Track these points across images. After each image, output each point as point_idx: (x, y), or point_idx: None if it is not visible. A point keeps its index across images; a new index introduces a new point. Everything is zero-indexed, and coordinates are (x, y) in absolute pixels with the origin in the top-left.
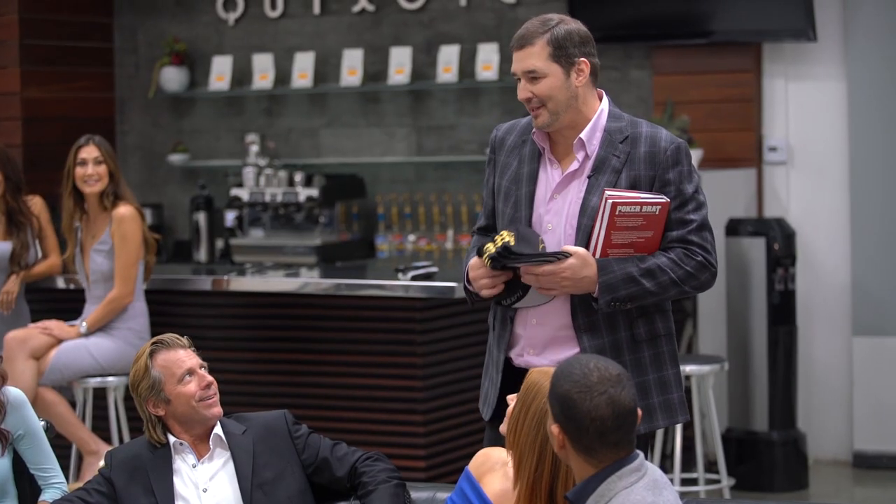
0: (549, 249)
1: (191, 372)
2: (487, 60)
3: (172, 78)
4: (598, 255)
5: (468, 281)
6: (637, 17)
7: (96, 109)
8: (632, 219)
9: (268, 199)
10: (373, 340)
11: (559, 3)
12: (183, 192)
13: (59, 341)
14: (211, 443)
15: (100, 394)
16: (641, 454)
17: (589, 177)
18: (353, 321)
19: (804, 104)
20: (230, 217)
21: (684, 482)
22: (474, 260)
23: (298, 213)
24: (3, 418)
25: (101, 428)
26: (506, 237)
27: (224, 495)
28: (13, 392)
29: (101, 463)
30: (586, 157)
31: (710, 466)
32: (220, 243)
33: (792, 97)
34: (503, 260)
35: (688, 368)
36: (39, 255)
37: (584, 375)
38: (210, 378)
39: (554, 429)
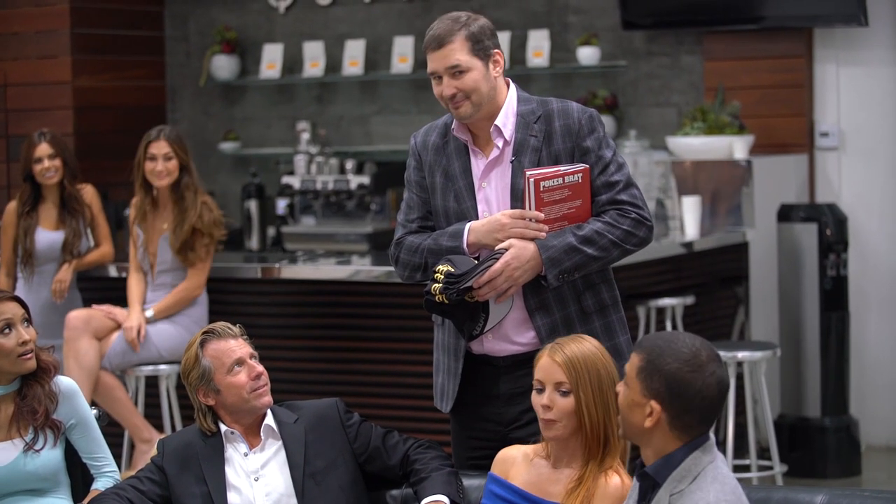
0: None
1: (240, 362)
2: (538, 47)
3: (223, 66)
4: None
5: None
6: (688, 2)
7: (147, 98)
8: (557, 192)
9: (319, 186)
10: (424, 328)
11: None
12: (234, 180)
13: (120, 326)
14: (262, 432)
15: (152, 382)
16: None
17: (511, 161)
18: (404, 308)
19: (855, 89)
20: (281, 205)
21: (737, 469)
22: None
23: (349, 201)
24: (55, 408)
25: (153, 416)
26: (443, 269)
27: (276, 484)
28: (65, 382)
29: (154, 451)
30: (505, 142)
31: (763, 453)
32: (271, 231)
33: (843, 82)
34: (454, 287)
35: (740, 355)
36: (91, 243)
37: (694, 355)
38: (260, 368)
39: (653, 405)
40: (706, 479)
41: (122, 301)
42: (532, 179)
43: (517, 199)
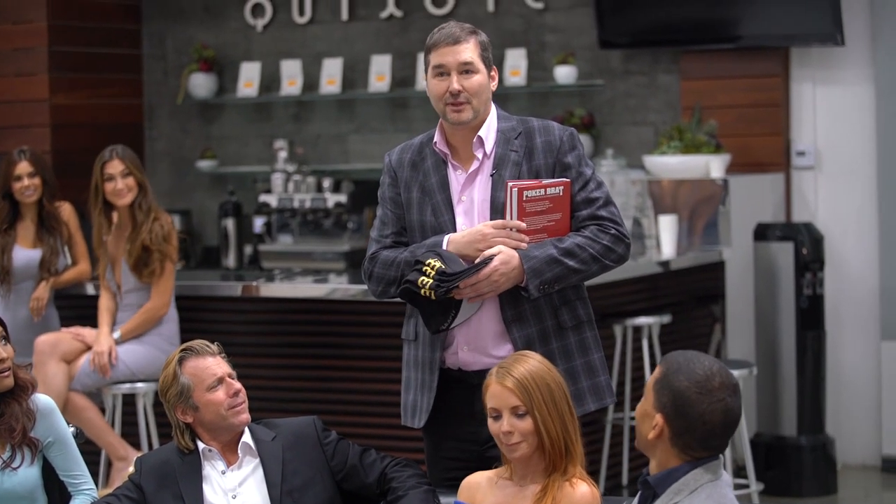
0: None
1: (219, 380)
2: (515, 66)
3: (201, 84)
4: None
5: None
6: (665, 22)
7: (125, 116)
8: (539, 202)
9: (296, 204)
10: (402, 346)
11: (586, 7)
12: (211, 198)
13: (89, 347)
14: (240, 450)
15: (129, 400)
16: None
17: (492, 174)
18: (381, 326)
19: (832, 108)
20: (259, 223)
21: None
22: None
23: (327, 219)
24: (33, 426)
25: (130, 434)
26: (434, 264)
27: (253, 502)
28: (43, 400)
29: (131, 469)
30: (485, 155)
31: (739, 471)
32: (248, 249)
33: (820, 101)
34: (445, 285)
35: None
36: (69, 261)
37: (707, 378)
38: (238, 386)
39: (659, 418)
40: (701, 495)
41: (97, 318)
42: (515, 189)
43: (497, 212)
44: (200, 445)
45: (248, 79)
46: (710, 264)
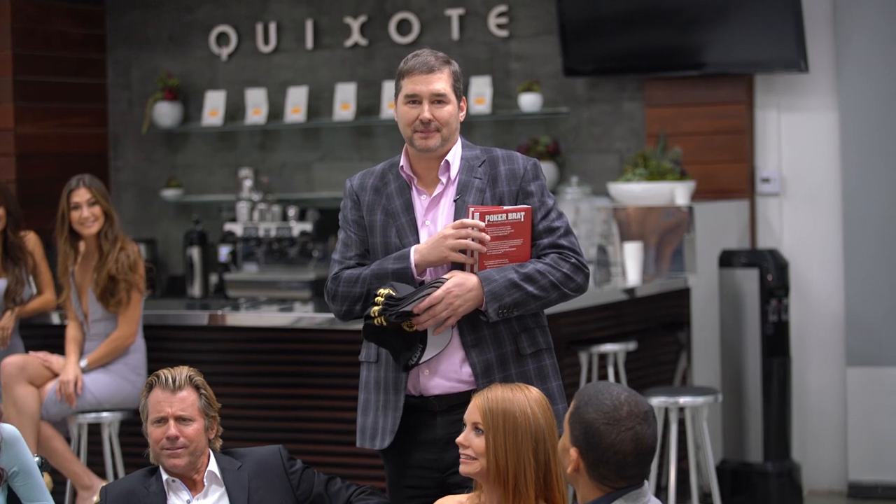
0: (428, 274)
1: (162, 419)
2: (480, 94)
3: (165, 113)
4: (476, 271)
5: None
6: (629, 49)
7: (90, 145)
8: (500, 227)
9: (261, 233)
10: None
11: (551, 35)
12: (176, 227)
13: (56, 374)
14: (206, 479)
15: (95, 429)
16: (647, 482)
17: (455, 200)
18: (348, 355)
19: (796, 135)
20: (224, 252)
21: None
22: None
23: (292, 248)
24: None
25: (95, 463)
26: (383, 292)
27: None
28: (8, 429)
29: (95, 498)
30: (449, 179)
31: (705, 498)
32: (213, 278)
33: (784, 128)
34: (393, 310)
35: (682, 400)
36: (34, 291)
37: (615, 408)
38: (175, 432)
39: (573, 452)
40: None
41: (63, 348)
42: (476, 213)
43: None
44: (164, 476)
45: (213, 107)
46: (675, 291)
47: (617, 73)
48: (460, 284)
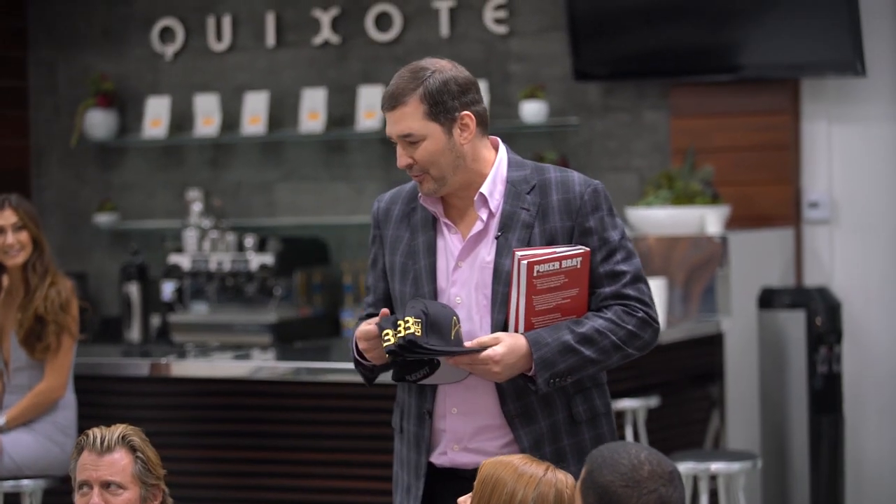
0: (463, 325)
1: (86, 485)
2: None
3: (99, 123)
4: (521, 328)
5: (359, 354)
6: (652, 49)
7: (7, 160)
8: (552, 278)
9: (213, 267)
10: (341, 435)
11: (559, 32)
12: (111, 259)
13: None
14: None
15: (13, 500)
16: None
17: (497, 237)
18: (316, 412)
19: (851, 151)
20: (168, 289)
21: None
22: (366, 328)
23: (250, 285)
24: None
25: None
26: (411, 326)
27: None
28: None
29: None
30: (490, 214)
31: None
32: (155, 320)
33: (836, 143)
34: (405, 354)
35: (713, 466)
36: None
37: (634, 469)
38: (98, 502)
39: None
40: None
41: None
42: (524, 263)
43: (500, 282)
44: None
45: (156, 116)
46: (706, 337)
47: (637, 77)
48: (509, 354)
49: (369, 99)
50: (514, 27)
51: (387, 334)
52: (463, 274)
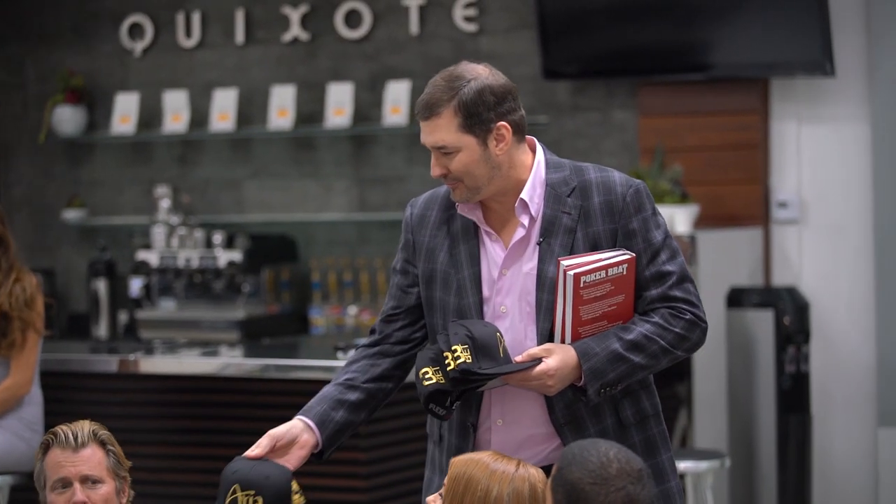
0: (505, 333)
1: (64, 483)
2: None
3: (67, 119)
4: (568, 339)
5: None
6: (621, 47)
7: None
8: (598, 287)
9: (181, 264)
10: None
11: (529, 30)
12: (79, 255)
13: None
14: None
15: None
16: None
17: (539, 242)
18: (284, 409)
19: (820, 151)
20: (136, 285)
21: None
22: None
23: (218, 281)
24: None
25: None
26: (460, 354)
27: None
28: None
29: None
30: (531, 219)
31: None
32: (123, 317)
33: (805, 143)
34: (467, 385)
35: (681, 465)
36: None
37: (602, 466)
38: (81, 497)
39: None
40: None
41: None
42: (571, 275)
43: (544, 290)
44: None
45: (124, 113)
46: None
47: (606, 75)
48: (562, 367)
49: (338, 96)
50: (484, 25)
51: (426, 373)
52: (507, 282)
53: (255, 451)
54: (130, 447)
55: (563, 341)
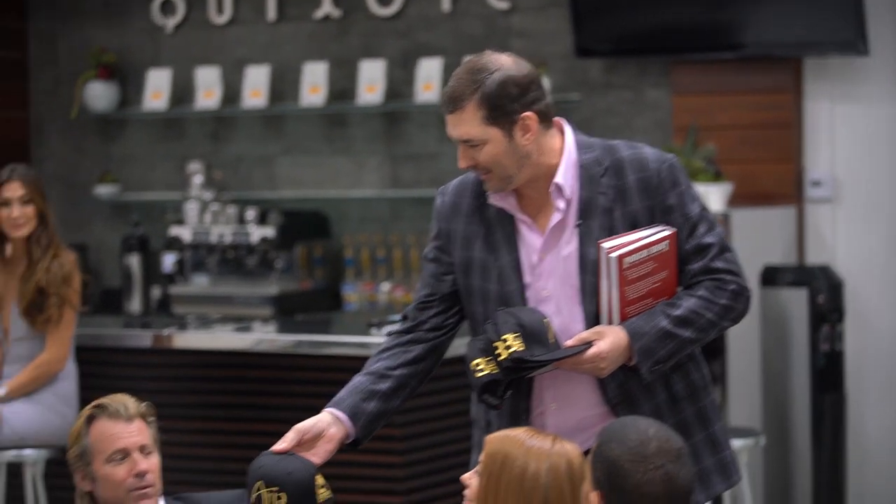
0: (551, 318)
1: (124, 453)
2: None
3: (100, 95)
4: (616, 320)
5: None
6: (654, 26)
7: (7, 132)
8: (641, 266)
9: (214, 239)
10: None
11: (561, 8)
12: (112, 231)
13: None
14: None
15: (15, 470)
16: None
17: (578, 225)
18: (317, 385)
19: (853, 130)
20: (169, 261)
21: None
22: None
23: (251, 257)
24: None
25: None
26: (511, 343)
27: None
28: None
29: None
30: (567, 202)
31: None
32: (156, 292)
33: (839, 122)
34: (520, 373)
35: None
36: None
37: (641, 443)
38: (146, 465)
39: (594, 497)
40: None
41: None
42: (613, 257)
43: (588, 272)
44: None
45: (157, 89)
46: None
47: (639, 53)
48: (614, 349)
49: (370, 73)
50: (516, 3)
51: (478, 364)
52: (547, 266)
53: (280, 445)
54: (163, 422)
55: (610, 322)
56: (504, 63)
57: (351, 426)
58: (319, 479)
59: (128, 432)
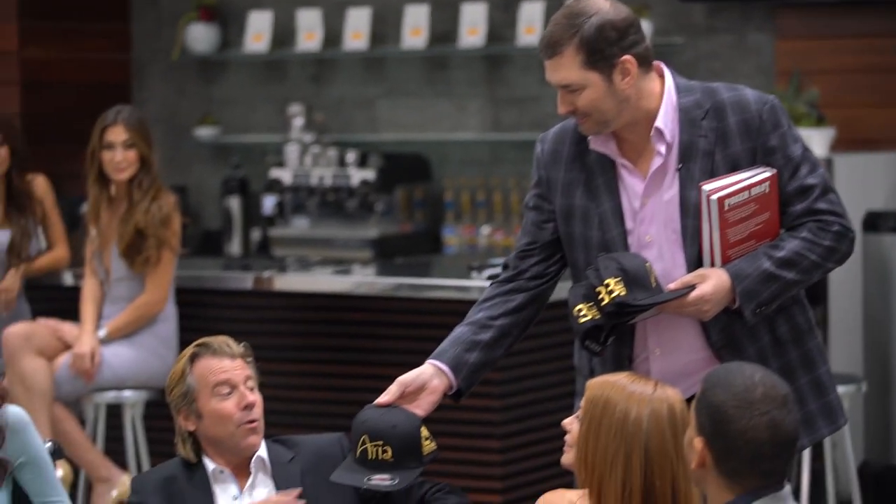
0: (653, 262)
1: (231, 386)
2: None
3: (200, 37)
4: (718, 263)
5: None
6: None
7: (109, 74)
8: (743, 208)
9: (314, 182)
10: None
11: None
12: (212, 172)
13: (68, 346)
14: (252, 466)
15: (114, 411)
16: (789, 486)
17: (678, 169)
18: (416, 328)
19: None
20: (269, 203)
21: None
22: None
23: (351, 200)
24: (2, 444)
25: (115, 452)
26: (614, 287)
27: None
28: (14, 412)
29: (114, 492)
30: (668, 146)
31: None
32: (256, 234)
33: None
34: (622, 318)
35: None
36: (42, 245)
37: (747, 389)
38: (252, 398)
39: (697, 443)
40: None
41: (77, 314)
42: (714, 199)
43: (689, 216)
44: (209, 466)
45: (258, 31)
46: None
47: None
48: (717, 291)
49: (472, 16)
50: None
51: (580, 310)
52: (649, 211)
53: (384, 398)
54: (262, 364)
55: (712, 265)
56: (602, 7)
57: (453, 377)
58: (424, 432)
59: (233, 367)
